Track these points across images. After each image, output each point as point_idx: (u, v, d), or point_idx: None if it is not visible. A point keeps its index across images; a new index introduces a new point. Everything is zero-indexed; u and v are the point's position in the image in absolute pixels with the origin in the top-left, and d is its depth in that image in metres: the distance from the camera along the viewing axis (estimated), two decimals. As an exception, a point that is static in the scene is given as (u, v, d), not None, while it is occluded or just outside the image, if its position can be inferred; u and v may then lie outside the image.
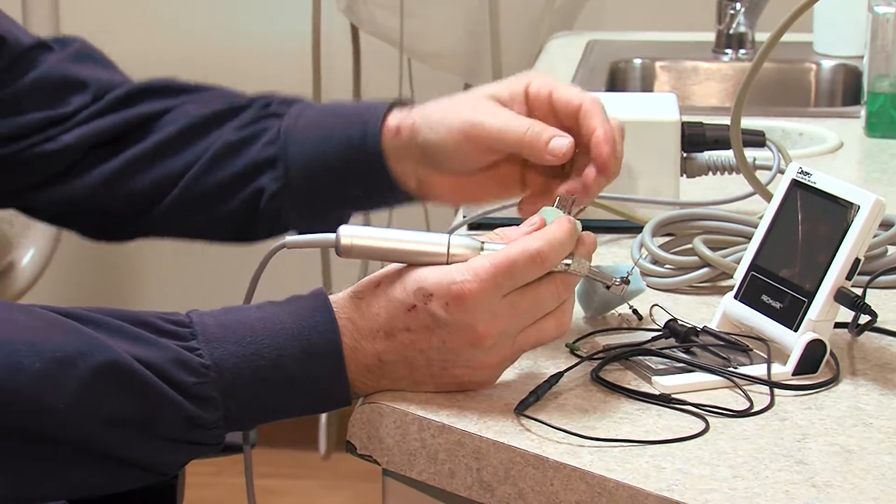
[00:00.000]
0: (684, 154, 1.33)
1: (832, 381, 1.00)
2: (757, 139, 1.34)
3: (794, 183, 1.05)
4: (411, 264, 0.97)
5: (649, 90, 2.16)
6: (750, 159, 1.27)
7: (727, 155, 1.33)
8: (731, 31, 2.13)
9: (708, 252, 1.17)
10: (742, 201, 1.32)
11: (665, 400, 0.97)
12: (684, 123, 1.33)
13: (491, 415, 0.95)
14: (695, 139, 1.33)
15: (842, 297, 1.00)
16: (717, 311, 1.08)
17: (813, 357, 1.00)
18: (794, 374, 1.00)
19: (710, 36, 2.17)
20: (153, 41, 2.94)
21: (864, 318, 1.04)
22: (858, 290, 1.01)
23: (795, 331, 1.01)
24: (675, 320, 1.06)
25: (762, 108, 1.84)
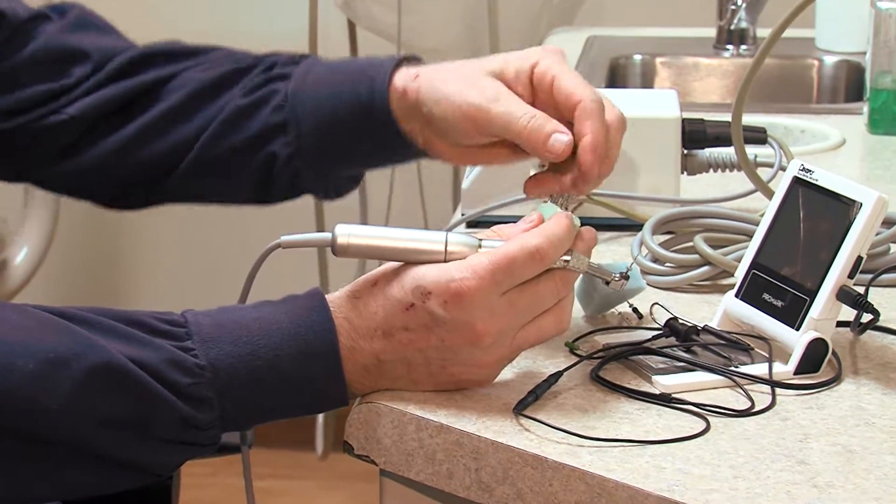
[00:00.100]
0: (685, 151, 1.33)
1: (834, 381, 1.00)
2: (758, 136, 1.34)
3: (796, 180, 1.04)
4: (409, 263, 0.96)
5: (650, 86, 2.15)
6: (751, 156, 1.27)
7: (728, 152, 1.32)
8: (733, 27, 2.13)
9: (709, 250, 1.17)
10: (743, 199, 1.32)
11: (665, 399, 0.97)
12: (685, 120, 1.33)
13: (489, 414, 0.95)
14: (696, 136, 1.33)
15: (844, 295, 0.99)
16: (718, 309, 1.07)
17: (815, 356, 1.00)
18: (795, 373, 1.00)
19: (711, 32, 2.17)
20: (151, 37, 2.93)
21: (866, 317, 1.04)
22: (861, 289, 1.01)
23: (797, 330, 1.00)
24: (675, 319, 1.05)
25: (764, 104, 1.84)
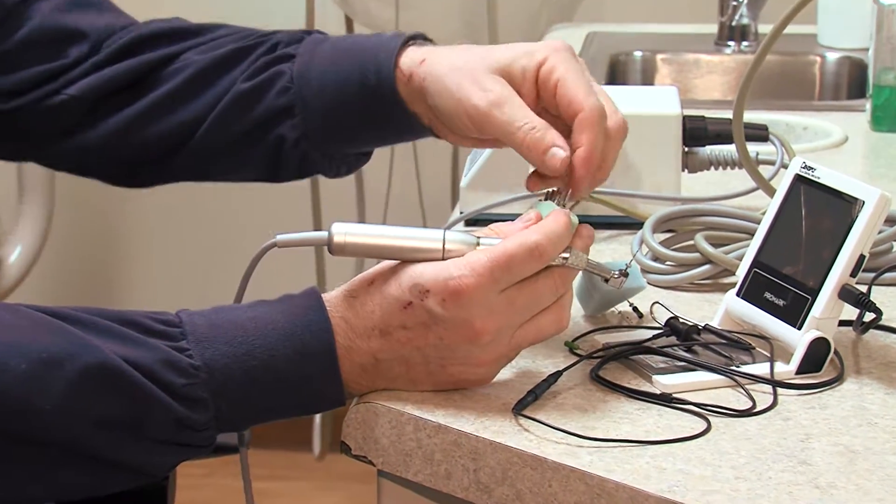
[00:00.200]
0: (686, 148, 1.33)
1: (836, 380, 1.00)
2: (760, 133, 1.34)
3: (798, 178, 1.04)
4: (406, 261, 0.95)
5: (650, 83, 2.15)
6: (753, 154, 1.27)
7: (729, 149, 1.33)
8: (734, 23, 2.13)
9: (710, 248, 1.16)
10: (745, 197, 1.32)
11: (666, 399, 0.96)
12: (686, 117, 1.32)
13: (488, 414, 0.95)
14: (696, 133, 1.33)
15: (846, 294, 0.99)
16: (719, 308, 1.07)
17: (817, 355, 1.00)
18: (797, 372, 1.00)
19: (713, 28, 2.16)
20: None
21: (868, 316, 1.04)
22: (863, 288, 1.00)
23: (799, 329, 1.00)
24: (676, 318, 1.05)
25: (765, 101, 1.84)
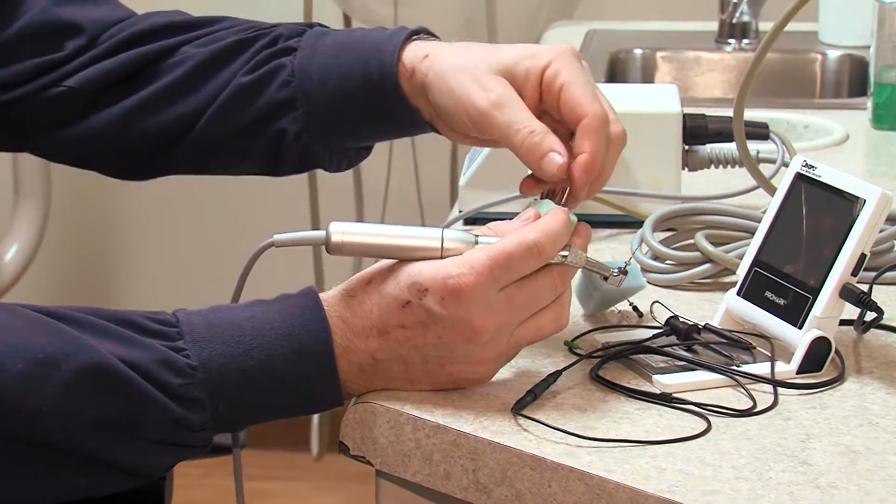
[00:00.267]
0: (686, 147, 1.33)
1: (837, 380, 1.00)
2: (760, 131, 1.34)
3: (799, 176, 1.04)
4: (404, 260, 0.95)
5: (650, 81, 2.15)
6: (753, 152, 1.27)
7: (730, 148, 1.33)
8: (734, 21, 2.13)
9: (710, 247, 1.16)
10: (745, 195, 1.32)
11: (666, 399, 0.96)
12: (686, 115, 1.32)
13: (487, 414, 0.94)
14: (697, 131, 1.33)
15: (847, 293, 0.99)
16: (720, 307, 1.07)
17: (817, 355, 1.00)
18: (798, 372, 1.00)
19: (713, 25, 2.16)
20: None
21: (869, 315, 1.03)
22: (864, 287, 1.00)
23: (799, 328, 1.00)
24: (676, 317, 1.05)
25: (766, 99, 1.84)
